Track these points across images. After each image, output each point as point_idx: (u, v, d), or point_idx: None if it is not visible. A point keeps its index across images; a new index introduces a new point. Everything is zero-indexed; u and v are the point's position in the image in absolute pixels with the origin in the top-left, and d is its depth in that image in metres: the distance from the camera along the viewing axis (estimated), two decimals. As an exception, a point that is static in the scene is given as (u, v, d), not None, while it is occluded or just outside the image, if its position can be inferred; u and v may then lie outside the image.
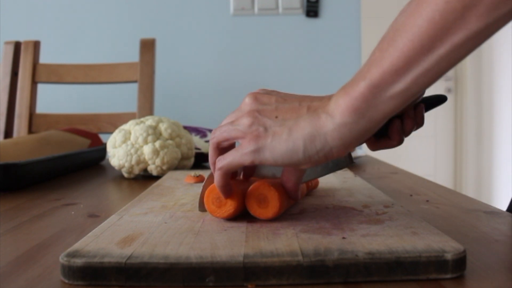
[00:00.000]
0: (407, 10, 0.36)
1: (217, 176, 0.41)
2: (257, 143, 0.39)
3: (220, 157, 0.41)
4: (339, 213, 0.45)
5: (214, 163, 0.42)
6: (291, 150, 0.38)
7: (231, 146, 0.43)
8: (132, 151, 0.81)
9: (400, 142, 0.53)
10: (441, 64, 0.35)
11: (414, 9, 0.35)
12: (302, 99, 0.41)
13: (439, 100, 0.57)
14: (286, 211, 0.46)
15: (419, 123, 0.54)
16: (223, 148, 0.43)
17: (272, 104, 0.41)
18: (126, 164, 0.81)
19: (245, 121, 0.40)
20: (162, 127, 0.84)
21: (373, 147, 0.52)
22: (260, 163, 0.39)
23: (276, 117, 0.39)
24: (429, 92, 0.52)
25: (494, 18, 0.33)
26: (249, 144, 0.39)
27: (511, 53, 2.31)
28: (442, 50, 0.34)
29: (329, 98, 0.39)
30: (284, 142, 0.38)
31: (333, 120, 0.37)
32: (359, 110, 0.36)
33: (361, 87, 0.36)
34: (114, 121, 1.30)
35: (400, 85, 0.35)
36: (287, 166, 0.42)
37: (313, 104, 0.39)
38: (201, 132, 1.05)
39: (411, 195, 0.62)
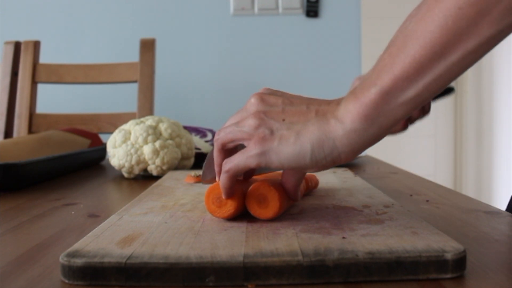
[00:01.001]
0: (417, 15, 0.35)
1: (224, 179, 0.41)
2: (263, 146, 0.38)
3: (227, 160, 0.41)
4: (339, 213, 0.45)
5: (220, 165, 0.42)
6: (298, 154, 0.38)
7: (236, 148, 0.43)
8: (132, 151, 0.81)
9: (405, 128, 0.53)
10: (453, 70, 0.35)
11: (425, 14, 0.35)
12: (309, 102, 0.40)
13: (447, 90, 0.56)
14: (286, 211, 0.46)
15: (426, 110, 0.54)
16: (228, 150, 0.42)
17: (279, 106, 0.40)
18: (126, 164, 0.81)
19: (251, 123, 0.39)
20: (162, 127, 0.84)
21: None
22: (265, 166, 0.39)
23: (283, 120, 0.39)
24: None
25: (505, 25, 0.33)
26: (255, 146, 0.38)
27: (511, 53, 2.31)
28: (454, 56, 0.34)
29: (337, 102, 0.38)
30: (291, 146, 0.38)
31: (343, 126, 0.37)
32: (370, 117, 0.36)
33: (372, 93, 0.36)
34: (114, 121, 1.30)
35: (411, 92, 0.35)
36: (293, 170, 0.42)
37: (321, 108, 0.39)
38: (201, 132, 1.05)
39: (411, 195, 0.62)
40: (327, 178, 0.66)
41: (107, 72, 1.34)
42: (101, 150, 1.04)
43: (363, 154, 1.07)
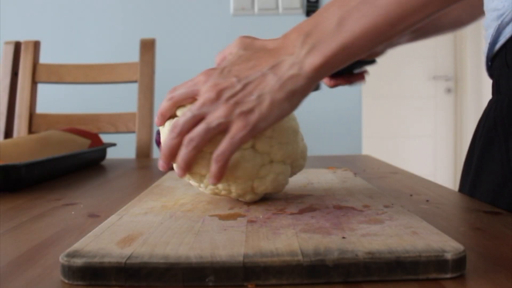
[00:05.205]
0: None
1: (218, 168, 0.43)
2: (248, 123, 0.42)
3: (218, 152, 0.43)
4: (339, 213, 0.45)
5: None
6: (282, 110, 0.43)
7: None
8: None
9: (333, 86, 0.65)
10: (396, 35, 0.43)
11: None
12: (257, 66, 0.44)
13: (371, 61, 0.68)
14: (286, 211, 0.46)
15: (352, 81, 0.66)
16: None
17: (237, 85, 0.43)
18: None
19: (221, 114, 0.43)
20: None
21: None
22: (255, 135, 0.44)
23: (251, 94, 0.43)
24: (432, 90, 0.52)
25: (446, 6, 0.42)
26: (242, 127, 0.42)
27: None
28: (402, 26, 0.42)
29: (288, 53, 0.44)
30: (273, 109, 0.43)
31: (306, 74, 0.43)
32: (327, 66, 0.43)
33: (334, 47, 0.43)
34: (114, 121, 1.30)
35: (362, 50, 0.43)
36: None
37: (275, 66, 0.44)
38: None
39: (411, 195, 0.62)
40: (327, 178, 0.66)
41: (107, 72, 1.34)
42: (101, 150, 1.04)
43: (363, 154, 1.07)
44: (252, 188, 0.49)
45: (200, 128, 0.43)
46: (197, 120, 0.44)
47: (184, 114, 0.45)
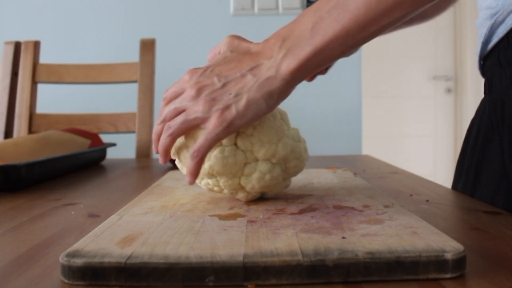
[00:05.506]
0: None
1: (195, 165, 0.45)
2: (225, 119, 0.44)
3: (195, 148, 0.45)
4: (339, 213, 0.45)
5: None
6: (257, 110, 0.45)
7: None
8: None
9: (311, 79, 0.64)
10: (368, 38, 0.45)
11: None
12: (238, 67, 0.46)
13: None
14: (286, 211, 0.46)
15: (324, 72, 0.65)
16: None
17: (217, 84, 0.46)
18: None
19: (200, 108, 0.45)
20: None
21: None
22: (231, 133, 0.45)
23: (230, 93, 0.45)
24: (432, 90, 0.52)
25: (413, 10, 0.43)
26: (219, 123, 0.44)
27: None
28: (372, 29, 0.43)
29: (266, 57, 0.46)
30: (249, 108, 0.44)
31: (282, 77, 0.45)
32: (302, 69, 0.45)
33: (307, 51, 0.44)
34: (114, 121, 1.30)
35: (336, 52, 0.44)
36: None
37: (254, 68, 0.46)
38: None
39: (411, 195, 0.62)
40: (327, 178, 0.66)
41: (107, 72, 1.34)
42: (101, 150, 1.04)
43: (363, 154, 1.07)
44: (240, 185, 0.49)
45: (178, 118, 0.46)
46: (178, 112, 0.47)
47: (169, 105, 0.48)
